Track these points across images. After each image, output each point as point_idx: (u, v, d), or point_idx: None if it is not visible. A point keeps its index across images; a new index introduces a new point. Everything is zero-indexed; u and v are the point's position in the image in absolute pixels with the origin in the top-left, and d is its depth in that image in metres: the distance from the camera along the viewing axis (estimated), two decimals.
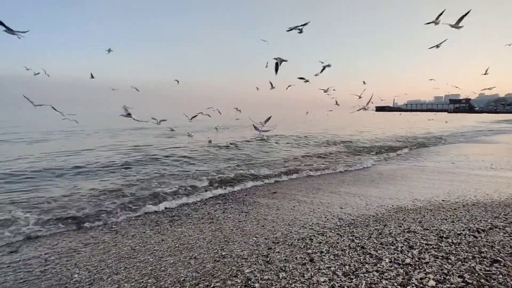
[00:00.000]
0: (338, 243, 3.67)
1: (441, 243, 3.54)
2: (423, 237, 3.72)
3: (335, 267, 3.06)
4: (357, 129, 26.33)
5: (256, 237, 4.01)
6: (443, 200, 5.50)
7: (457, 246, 3.45)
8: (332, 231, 4.11)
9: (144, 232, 4.35)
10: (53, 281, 3.08)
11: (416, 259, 3.14)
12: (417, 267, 2.97)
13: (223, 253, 3.54)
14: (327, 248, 3.52)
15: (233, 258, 3.41)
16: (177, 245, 3.84)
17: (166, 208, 5.54)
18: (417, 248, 3.40)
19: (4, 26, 4.85)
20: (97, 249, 3.83)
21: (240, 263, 3.25)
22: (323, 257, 3.30)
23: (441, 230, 3.96)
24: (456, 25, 5.30)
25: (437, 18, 5.42)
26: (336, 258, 3.26)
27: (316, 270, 3.01)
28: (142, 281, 3.00)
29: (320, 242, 3.71)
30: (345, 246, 3.55)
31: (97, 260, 3.50)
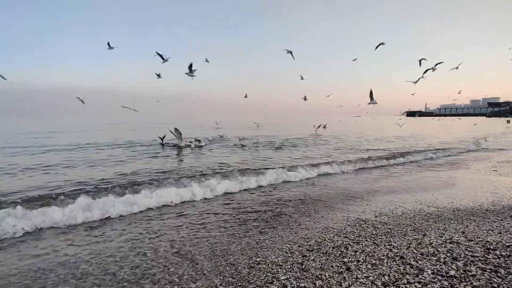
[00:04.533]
0: (375, 252, 3.57)
1: (488, 255, 3.33)
2: (468, 249, 3.52)
3: (373, 276, 2.97)
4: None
5: (289, 244, 3.99)
6: (487, 210, 5.18)
7: (506, 259, 3.23)
8: (368, 239, 4.00)
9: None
10: None
11: (462, 271, 2.97)
12: (463, 280, 2.81)
13: (258, 259, 3.56)
14: (364, 257, 3.43)
15: (268, 264, 3.41)
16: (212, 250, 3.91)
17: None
18: (462, 260, 3.22)
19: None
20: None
21: (275, 270, 3.25)
22: (360, 266, 3.22)
23: (488, 241, 3.73)
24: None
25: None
26: (374, 267, 3.17)
27: (353, 279, 2.94)
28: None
29: (356, 251, 3.62)
30: (383, 256, 3.45)
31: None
